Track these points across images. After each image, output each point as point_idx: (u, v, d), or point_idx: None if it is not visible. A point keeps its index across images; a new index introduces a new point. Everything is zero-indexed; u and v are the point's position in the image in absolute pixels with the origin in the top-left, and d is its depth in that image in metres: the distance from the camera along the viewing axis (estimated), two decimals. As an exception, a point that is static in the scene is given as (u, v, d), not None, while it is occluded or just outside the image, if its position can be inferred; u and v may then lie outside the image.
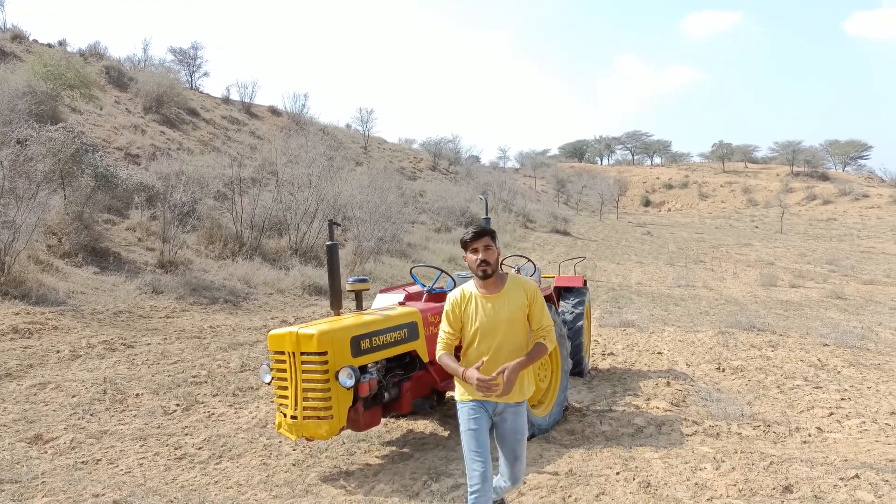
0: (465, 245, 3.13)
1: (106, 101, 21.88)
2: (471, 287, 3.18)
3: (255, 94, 34.21)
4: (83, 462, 4.67)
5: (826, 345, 9.03)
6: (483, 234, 3.09)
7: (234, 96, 32.79)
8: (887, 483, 4.08)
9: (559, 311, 6.89)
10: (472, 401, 3.14)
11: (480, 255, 3.07)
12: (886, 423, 5.55)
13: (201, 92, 32.47)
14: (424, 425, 5.59)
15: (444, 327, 3.20)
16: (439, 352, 3.17)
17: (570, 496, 3.94)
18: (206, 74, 49.40)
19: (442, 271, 5.79)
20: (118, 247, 12.85)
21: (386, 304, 5.41)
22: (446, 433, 5.40)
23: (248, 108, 32.29)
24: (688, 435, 5.20)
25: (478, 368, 3.00)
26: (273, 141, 24.96)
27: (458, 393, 3.22)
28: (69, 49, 25.24)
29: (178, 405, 5.94)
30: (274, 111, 34.11)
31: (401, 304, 5.30)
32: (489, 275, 3.08)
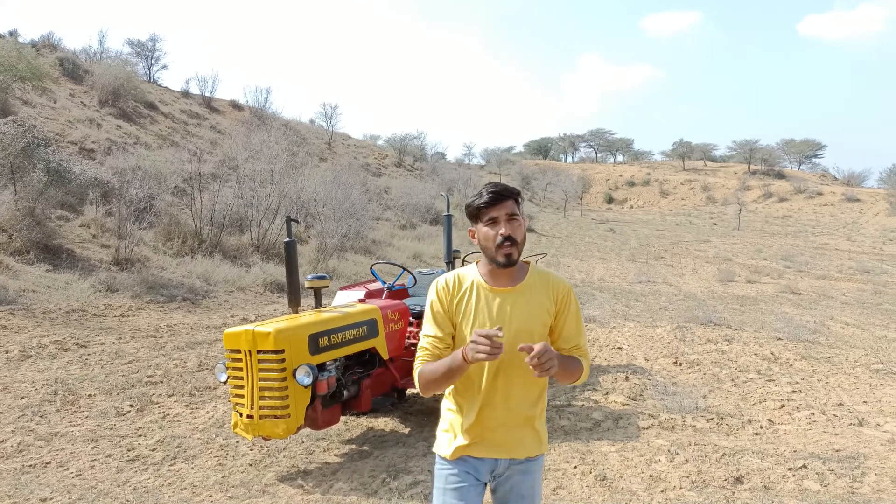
0: (477, 213, 2.08)
1: (60, 93, 21.23)
2: (471, 273, 2.16)
3: (215, 87, 33.67)
4: (31, 466, 4.53)
5: (779, 339, 9.28)
6: (505, 195, 2.06)
7: (194, 90, 32.15)
8: (833, 472, 4.22)
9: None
10: (458, 459, 2.14)
11: (503, 229, 2.03)
12: (834, 415, 5.73)
13: (160, 85, 31.75)
14: (385, 423, 5.57)
15: (427, 330, 2.14)
16: (418, 367, 2.11)
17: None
18: (164, 67, 48.35)
19: (403, 268, 5.79)
20: (72, 244, 12.49)
21: (346, 302, 5.38)
22: (406, 430, 5.39)
23: (208, 103, 31.69)
24: (644, 428, 5.29)
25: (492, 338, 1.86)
26: (234, 136, 24.55)
27: (439, 444, 2.21)
28: (21, 40, 24.40)
29: (131, 406, 5.80)
30: (235, 105, 33.54)
31: (360, 301, 5.27)
32: (514, 261, 2.06)
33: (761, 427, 5.44)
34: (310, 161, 25.34)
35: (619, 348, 8.67)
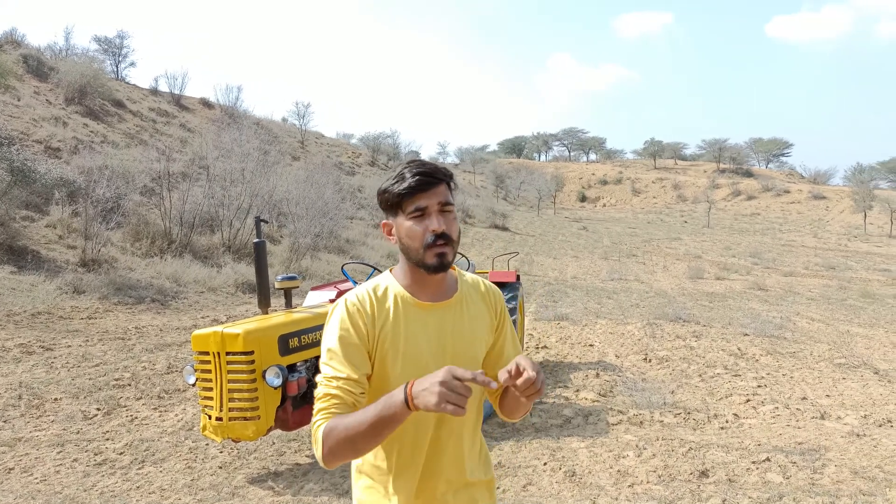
0: (399, 202, 1.56)
1: (24, 91, 20.76)
2: (388, 284, 1.62)
3: (185, 85, 33.15)
4: (-6, 472, 4.44)
5: (746, 334, 9.47)
6: (436, 179, 1.56)
7: (163, 88, 31.70)
8: (795, 465, 4.33)
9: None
10: None
11: (434, 224, 1.54)
12: (797, 409, 5.87)
13: (128, 83, 31.22)
14: (357, 423, 5.56)
15: (332, 370, 1.50)
16: (322, 424, 1.43)
17: (497, 488, 4.01)
18: (132, 65, 47.56)
19: (374, 268, 5.78)
20: (37, 245, 12.24)
21: (317, 302, 5.36)
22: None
23: (177, 100, 31.26)
24: (613, 424, 5.37)
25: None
26: (204, 134, 24.24)
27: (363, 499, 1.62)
28: (-18, 36, 23.83)
29: (98, 409, 5.71)
30: (206, 103, 33.14)
31: (332, 301, 5.25)
32: (447, 265, 1.56)
33: (727, 421, 5.55)
34: (282, 160, 25.13)
35: (590, 345, 8.77)
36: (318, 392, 1.51)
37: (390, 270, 1.67)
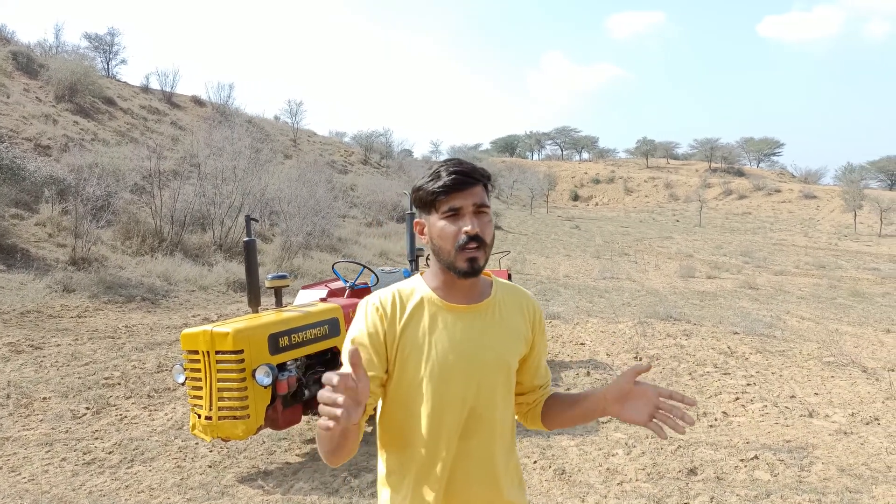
0: (433, 201, 1.50)
1: (13, 88, 20.61)
2: (416, 286, 1.57)
3: (176, 83, 33.07)
4: (-19, 472, 4.42)
5: (736, 333, 9.52)
6: (472, 179, 1.50)
7: (154, 85, 31.55)
8: (782, 462, 4.36)
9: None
10: None
11: (468, 226, 1.47)
12: (786, 406, 5.91)
13: (118, 80, 31.05)
14: (347, 421, 5.56)
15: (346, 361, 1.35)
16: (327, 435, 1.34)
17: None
18: (123, 62, 47.18)
19: (364, 266, 5.78)
20: (26, 243, 12.15)
21: (307, 301, 5.36)
22: (369, 428, 5.39)
23: (169, 98, 31.11)
24: (603, 422, 5.39)
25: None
26: (196, 132, 24.14)
27: None
28: (-29, 32, 23.64)
29: (88, 408, 5.69)
30: (197, 101, 32.99)
31: (322, 300, 5.25)
32: (479, 269, 1.50)
33: (716, 419, 5.58)
34: (274, 158, 25.06)
35: (581, 344, 8.79)
36: None
37: (421, 274, 1.61)
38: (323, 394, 1.16)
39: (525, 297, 1.66)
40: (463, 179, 1.48)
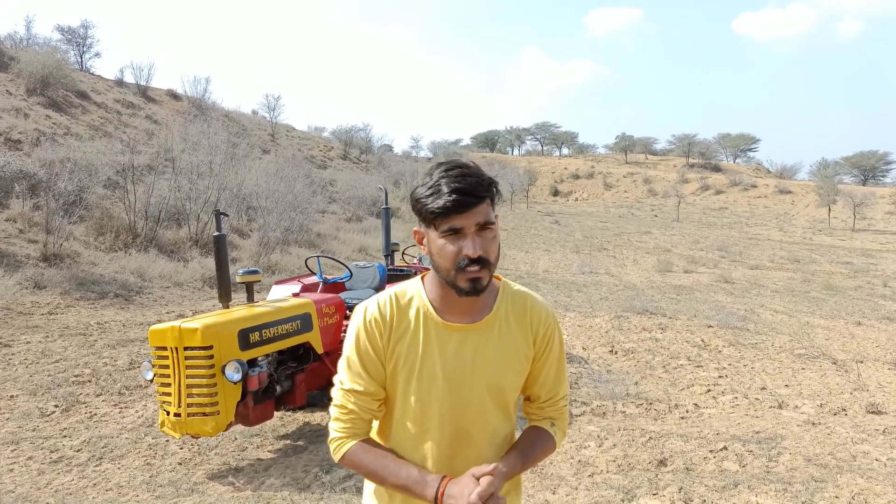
0: (434, 218, 1.39)
1: (-18, 81, 20.18)
2: (414, 294, 1.51)
3: (151, 76, 32.55)
4: (-56, 472, 4.33)
5: (710, 326, 9.62)
6: (475, 198, 1.38)
7: (129, 79, 31.08)
8: (751, 453, 4.42)
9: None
10: None
11: (469, 248, 1.37)
12: (756, 398, 5.99)
13: (92, 73, 30.53)
14: (322, 417, 5.53)
15: (348, 382, 1.48)
16: (343, 444, 1.47)
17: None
18: (97, 55, 46.03)
19: (337, 261, 5.76)
20: (-4, 239, 11.91)
21: (280, 296, 5.32)
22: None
23: (144, 92, 30.66)
24: (577, 416, 5.42)
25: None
26: (171, 126, 23.82)
27: None
28: (-62, 23, 23.07)
29: (56, 406, 5.60)
30: (173, 95, 32.55)
31: (295, 295, 5.22)
32: (481, 289, 1.41)
33: (687, 411, 5.65)
34: (252, 153, 24.84)
35: (557, 338, 8.82)
36: (335, 398, 1.50)
37: (422, 278, 1.54)
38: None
39: (533, 308, 1.55)
40: (465, 200, 1.36)
